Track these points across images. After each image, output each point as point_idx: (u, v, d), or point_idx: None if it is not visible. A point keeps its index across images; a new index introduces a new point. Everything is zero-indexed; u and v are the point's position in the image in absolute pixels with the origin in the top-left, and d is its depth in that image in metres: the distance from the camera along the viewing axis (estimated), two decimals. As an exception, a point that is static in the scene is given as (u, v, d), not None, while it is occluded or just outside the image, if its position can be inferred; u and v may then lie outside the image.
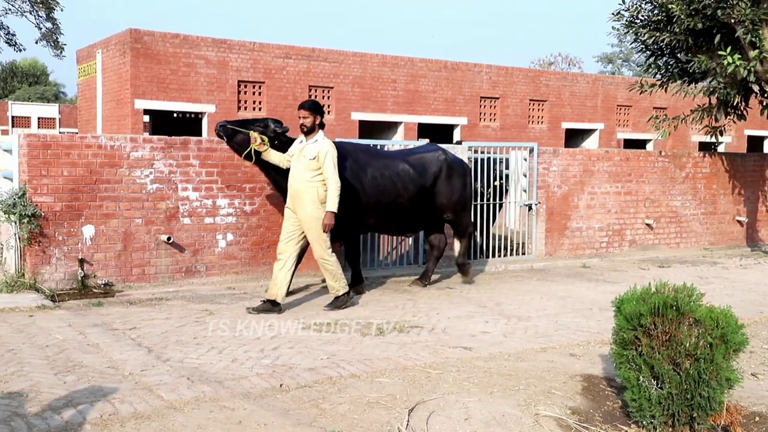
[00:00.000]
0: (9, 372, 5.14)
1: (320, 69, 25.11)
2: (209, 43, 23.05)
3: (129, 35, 21.85)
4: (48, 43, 28.76)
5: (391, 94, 26.78)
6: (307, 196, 7.34)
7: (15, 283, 7.80)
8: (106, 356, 5.62)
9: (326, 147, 7.38)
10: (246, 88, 23.88)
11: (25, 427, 4.15)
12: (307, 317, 7.17)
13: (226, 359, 5.64)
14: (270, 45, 24.33)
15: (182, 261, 8.63)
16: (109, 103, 23.57)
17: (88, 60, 25.12)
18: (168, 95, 22.27)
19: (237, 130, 7.79)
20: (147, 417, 4.39)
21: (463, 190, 9.09)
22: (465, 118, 28.41)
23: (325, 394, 4.88)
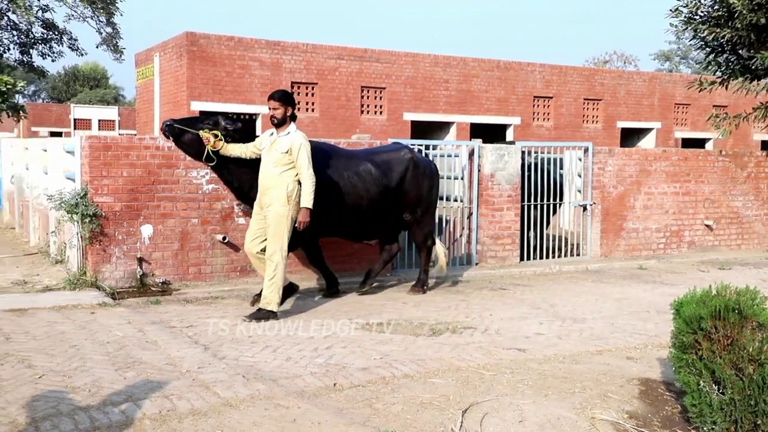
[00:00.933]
0: (72, 367, 5.29)
1: (372, 69, 25.19)
2: (263, 45, 23.34)
3: (185, 38, 22.27)
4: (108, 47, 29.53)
5: (444, 94, 26.72)
6: (275, 190, 6.92)
7: (77, 281, 8.02)
8: (164, 353, 5.73)
9: (299, 140, 6.96)
10: (299, 89, 24.11)
11: (87, 421, 4.26)
12: (359, 317, 7.20)
13: (281, 358, 5.69)
14: (323, 46, 24.52)
15: (237, 260, 8.74)
16: (166, 105, 24.06)
17: (146, 63, 25.69)
18: (223, 97, 22.63)
19: (184, 130, 7.38)
20: (204, 414, 4.47)
21: (428, 193, 8.50)
22: (518, 117, 28.17)
23: (379, 394, 4.89)
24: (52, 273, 8.92)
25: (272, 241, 6.93)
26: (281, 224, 6.92)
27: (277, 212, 6.92)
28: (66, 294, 7.72)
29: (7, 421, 4.23)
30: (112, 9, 27.78)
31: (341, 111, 24.76)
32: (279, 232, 6.92)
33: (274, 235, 6.93)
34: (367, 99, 25.39)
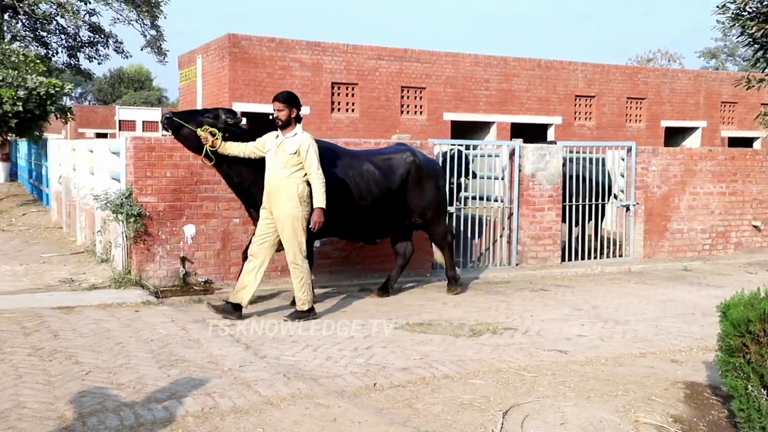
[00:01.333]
0: (117, 364, 5.38)
1: (412, 70, 25.19)
2: (303, 46, 23.49)
3: (227, 40, 22.53)
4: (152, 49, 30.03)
5: (484, 93, 26.59)
6: (285, 192, 6.81)
7: (122, 280, 8.16)
8: (207, 351, 5.81)
9: (308, 140, 6.90)
10: (339, 89, 24.21)
11: (132, 417, 4.34)
12: (399, 317, 7.20)
13: (321, 357, 5.72)
14: (363, 47, 24.59)
15: (278, 260, 8.79)
16: (208, 106, 24.37)
17: (189, 65, 26.04)
18: (264, 98, 22.83)
19: (183, 124, 7.11)
20: (245, 411, 4.51)
21: (435, 194, 8.32)
22: (559, 117, 27.91)
23: (419, 394, 4.89)
24: (98, 271, 9.09)
25: (290, 245, 6.87)
26: (297, 226, 6.84)
27: (291, 215, 6.82)
28: (111, 292, 7.87)
29: (55, 416, 4.33)
30: (156, 12, 28.25)
31: (381, 111, 24.80)
32: (296, 234, 6.85)
33: (291, 239, 6.85)
34: (407, 99, 25.39)
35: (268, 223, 6.96)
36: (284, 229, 6.84)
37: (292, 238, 6.84)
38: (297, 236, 6.85)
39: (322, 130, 23.45)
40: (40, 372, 5.15)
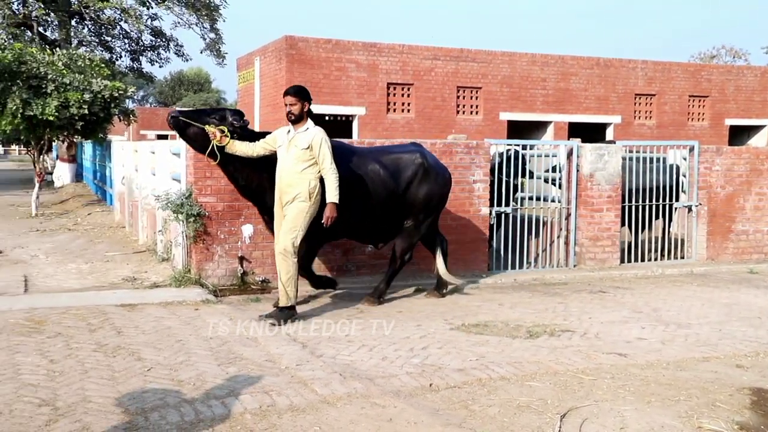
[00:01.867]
0: (178, 361, 5.50)
1: (468, 69, 25.07)
2: (360, 47, 23.60)
3: (284, 42, 22.78)
4: (211, 52, 30.59)
5: (541, 93, 26.30)
6: (296, 188, 6.75)
7: (182, 278, 8.33)
8: (264, 350, 5.88)
9: (320, 135, 6.80)
10: (395, 90, 24.24)
11: (192, 414, 4.42)
12: (455, 318, 7.17)
13: (377, 357, 5.74)
14: (419, 47, 24.58)
15: (333, 260, 8.87)
16: (266, 107, 24.68)
17: (247, 67, 26.42)
18: (320, 99, 23.00)
19: (189, 123, 6.98)
20: (302, 410, 4.55)
21: (437, 201, 7.98)
22: (618, 116, 27.42)
23: (475, 396, 4.86)
24: (159, 270, 9.30)
25: (287, 235, 6.73)
26: (299, 218, 6.73)
27: (298, 206, 6.74)
28: (172, 291, 8.03)
29: (119, 411, 4.44)
30: (216, 15, 28.76)
31: (437, 111, 24.75)
32: (296, 225, 6.73)
33: (290, 229, 6.73)
34: (463, 99, 25.28)
35: (280, 219, 6.89)
36: (287, 218, 6.77)
37: (291, 228, 6.73)
38: (296, 227, 6.73)
39: (378, 130, 23.52)
40: (104, 367, 5.30)
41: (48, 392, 4.74)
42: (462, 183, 9.41)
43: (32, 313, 6.93)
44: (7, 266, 9.69)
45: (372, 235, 7.92)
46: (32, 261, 10.16)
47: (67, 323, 6.57)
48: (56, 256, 10.60)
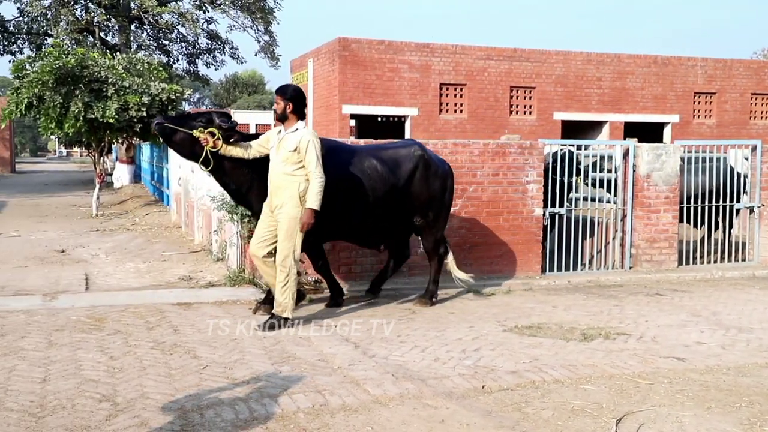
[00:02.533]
0: (232, 359, 5.58)
1: (522, 69, 24.84)
2: (412, 48, 23.60)
3: (338, 44, 22.92)
4: (266, 54, 30.96)
5: (596, 92, 25.91)
6: (286, 191, 6.52)
7: (237, 278, 8.45)
8: (317, 350, 5.92)
9: (308, 136, 6.53)
10: (447, 90, 24.17)
11: (247, 412, 4.48)
12: (508, 319, 7.11)
13: (429, 358, 5.73)
14: (472, 47, 24.46)
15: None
16: (319, 108, 24.87)
17: (301, 69, 26.66)
18: (373, 100, 23.08)
19: (176, 129, 6.72)
20: (354, 410, 4.57)
21: (441, 194, 7.71)
22: (676, 115, 26.83)
23: (528, 399, 4.81)
24: (214, 270, 9.45)
25: (284, 245, 6.56)
26: (293, 227, 6.53)
27: (289, 214, 6.53)
28: (227, 290, 8.16)
29: (175, 408, 4.53)
30: (270, 18, 29.10)
31: (489, 111, 24.59)
32: (291, 235, 6.54)
33: (286, 239, 6.55)
34: (516, 99, 25.06)
35: (269, 223, 6.67)
36: (281, 228, 6.57)
37: (287, 239, 6.55)
38: (291, 237, 6.55)
39: (430, 131, 23.47)
40: (161, 365, 5.41)
41: (108, 388, 4.86)
42: (515, 183, 9.33)
43: (93, 311, 7.12)
44: (70, 265, 9.97)
45: (374, 235, 7.63)
46: (93, 260, 10.43)
47: (126, 321, 6.73)
48: (115, 256, 10.87)
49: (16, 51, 29.04)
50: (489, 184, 9.23)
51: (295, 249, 6.57)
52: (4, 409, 4.45)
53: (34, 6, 26.45)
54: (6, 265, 9.86)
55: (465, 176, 9.12)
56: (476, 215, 9.19)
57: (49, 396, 4.69)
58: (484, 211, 9.23)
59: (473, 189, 9.16)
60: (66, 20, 26.76)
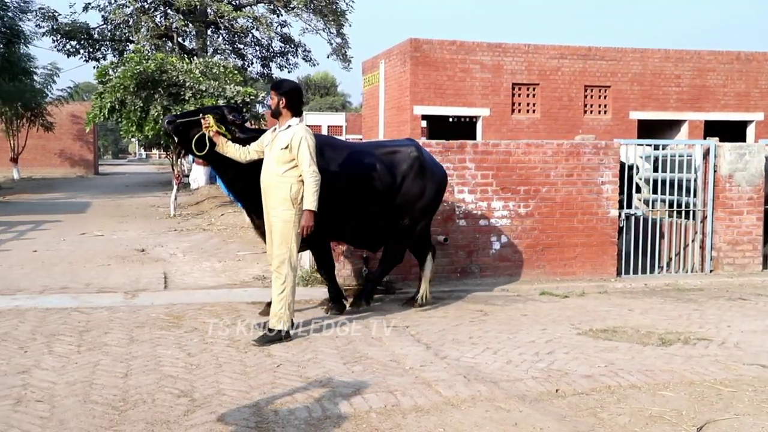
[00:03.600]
0: (305, 358, 5.64)
1: (596, 68, 24.37)
2: (484, 48, 23.44)
3: (409, 45, 22.96)
4: (338, 56, 31.23)
5: (674, 90, 25.20)
6: (277, 192, 6.13)
7: (309, 278, 8.55)
8: (389, 350, 5.94)
9: (300, 133, 6.12)
10: (520, 90, 23.91)
11: (320, 411, 4.53)
12: (582, 323, 6.98)
13: (501, 360, 5.68)
14: (545, 46, 24.14)
15: (457, 262, 8.85)
16: (390, 110, 24.95)
17: (372, 70, 26.81)
18: (444, 100, 23.02)
19: (189, 122, 6.54)
20: (426, 411, 4.56)
21: (432, 199, 7.45)
22: (761, 113, 25.85)
23: (603, 403, 4.71)
24: (287, 269, 9.57)
25: (279, 251, 6.15)
26: (288, 231, 6.14)
27: (282, 218, 6.14)
28: (299, 290, 8.20)
29: (250, 404, 4.61)
30: (342, 21, 29.33)
31: (563, 111, 24.20)
32: (286, 239, 6.14)
33: (281, 244, 6.14)
34: (591, 98, 24.60)
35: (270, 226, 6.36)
36: (274, 232, 6.20)
37: (281, 244, 6.14)
38: (286, 242, 6.13)
39: (502, 131, 23.27)
40: (237, 362, 5.52)
41: (186, 384, 4.99)
42: (590, 184, 9.16)
43: (171, 309, 7.32)
44: (149, 264, 10.28)
45: (369, 235, 7.40)
46: (171, 259, 10.73)
47: (202, 319, 6.90)
48: (192, 255, 11.15)
49: (100, 57, 30.12)
50: (563, 185, 9.09)
51: (291, 255, 6.15)
52: (90, 402, 4.62)
53: (116, 14, 27.40)
54: (90, 263, 10.23)
55: (538, 177, 9.01)
56: (549, 216, 9.06)
57: (130, 390, 4.85)
58: (558, 213, 9.10)
59: (546, 190, 9.03)
60: (146, 27, 27.62)
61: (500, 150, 8.94)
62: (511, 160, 8.95)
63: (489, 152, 8.94)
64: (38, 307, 7.28)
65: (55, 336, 6.18)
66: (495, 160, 8.94)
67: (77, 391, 4.82)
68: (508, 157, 8.94)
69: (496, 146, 8.97)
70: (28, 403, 4.59)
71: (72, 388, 4.86)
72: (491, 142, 9.14)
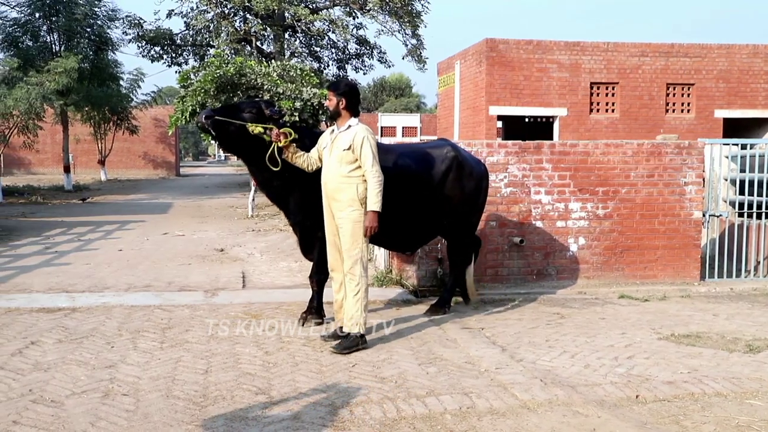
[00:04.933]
0: (380, 358, 5.67)
1: (679, 65, 23.64)
2: (562, 47, 23.07)
3: (485, 45, 22.79)
4: (413, 58, 31.27)
5: (763, 87, 24.21)
6: (344, 194, 5.96)
7: (384, 279, 8.59)
8: (463, 352, 5.91)
9: (362, 133, 5.96)
10: (599, 89, 23.42)
11: (394, 410, 4.54)
12: (663, 327, 6.79)
13: (579, 364, 5.57)
14: (625, 44, 23.57)
15: (534, 264, 8.73)
16: (465, 110, 24.82)
17: (448, 71, 26.73)
18: (520, 100, 22.75)
19: (229, 122, 6.17)
20: (502, 414, 4.52)
21: (474, 197, 7.25)
22: None
23: (687, 411, 4.57)
24: (362, 270, 9.63)
25: (351, 253, 5.98)
26: (358, 231, 5.96)
27: (351, 218, 5.96)
28: (374, 290, 8.30)
29: (326, 403, 4.66)
30: (418, 22, 29.33)
31: (643, 111, 23.58)
32: (357, 240, 5.97)
33: (351, 245, 5.98)
34: (673, 97, 23.88)
35: (333, 229, 6.14)
36: (344, 234, 6.01)
37: (352, 245, 5.99)
38: (357, 243, 5.98)
39: (580, 132, 22.84)
40: (313, 361, 5.59)
41: (263, 381, 5.09)
42: (672, 185, 8.90)
43: (249, 308, 7.47)
44: (228, 263, 10.51)
45: (406, 238, 7.19)
46: (249, 259, 10.95)
47: (279, 318, 7.01)
48: (269, 255, 11.35)
49: (182, 62, 31.00)
50: (643, 185, 8.86)
51: (363, 255, 6.01)
52: (172, 397, 4.76)
53: (198, 19, 28.15)
54: (172, 262, 10.54)
55: (617, 178, 8.81)
56: (629, 218, 8.84)
57: (210, 387, 4.97)
58: (638, 214, 8.87)
59: (626, 191, 8.82)
60: (226, 31, 28.27)
61: (578, 150, 8.78)
62: (589, 161, 8.78)
63: (566, 153, 8.79)
64: (124, 305, 7.54)
65: (139, 332, 6.40)
66: (573, 160, 8.78)
67: (160, 386, 4.97)
68: (586, 157, 8.77)
69: (574, 146, 8.82)
70: (115, 396, 4.76)
71: (155, 383, 5.02)
72: (569, 142, 8.98)
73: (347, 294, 6.07)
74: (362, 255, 6.01)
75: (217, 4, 27.91)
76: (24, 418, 4.37)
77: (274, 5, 26.04)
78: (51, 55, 27.18)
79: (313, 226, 6.60)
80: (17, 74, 25.57)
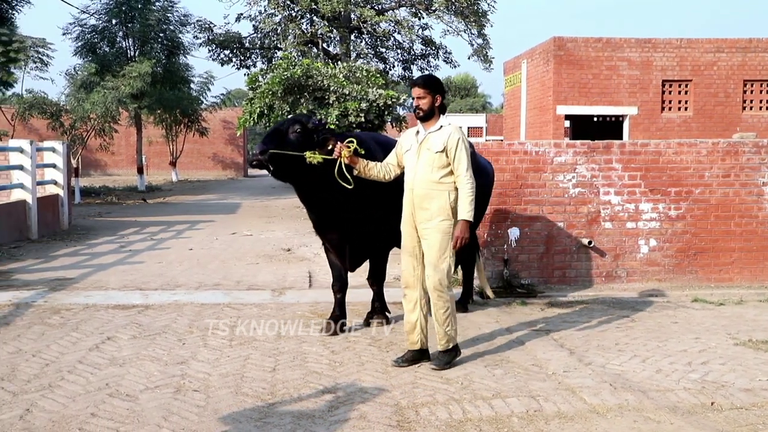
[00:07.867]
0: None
1: (758, 61, 22.81)
2: (632, 45, 22.56)
3: (552, 44, 22.48)
4: (478, 57, 31.08)
5: None
6: (434, 202, 5.41)
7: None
8: (530, 354, 5.84)
9: (456, 135, 5.43)
10: (671, 87, 22.82)
11: (460, 412, 4.52)
12: (740, 332, 6.56)
13: (650, 369, 5.43)
14: (698, 40, 22.90)
15: (602, 265, 8.56)
16: (532, 110, 24.53)
17: (514, 71, 26.47)
18: (589, 100, 22.35)
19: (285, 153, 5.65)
20: (570, 418, 4.45)
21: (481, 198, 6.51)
22: None
23: (766, 420, 4.40)
24: (428, 270, 9.61)
25: (440, 266, 5.43)
26: (447, 243, 5.44)
27: (440, 229, 5.42)
28: (440, 291, 8.27)
29: (392, 403, 4.67)
30: (484, 21, 29.13)
31: (718, 108, 22.86)
32: (444, 253, 5.44)
33: (438, 258, 5.42)
34: (750, 94, 23.08)
35: (415, 244, 5.59)
36: (431, 246, 5.45)
37: (440, 258, 5.42)
38: (446, 256, 5.44)
39: (651, 131, 22.29)
40: (378, 361, 5.61)
41: (330, 380, 5.13)
42: (749, 185, 8.61)
43: (315, 307, 7.54)
44: (295, 263, 10.64)
45: None
46: (315, 258, 11.05)
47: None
48: (336, 255, 11.42)
49: (251, 65, 31.53)
50: (718, 186, 8.60)
51: (450, 269, 5.50)
52: (241, 394, 4.85)
53: (266, 23, 28.60)
54: (241, 261, 10.73)
55: (690, 178, 8.57)
56: (703, 219, 8.60)
57: (278, 384, 5.04)
58: (713, 215, 8.61)
59: (699, 191, 8.58)
60: (293, 34, 28.63)
61: (649, 150, 8.57)
62: (661, 161, 8.56)
63: (637, 152, 8.59)
64: (194, 302, 7.71)
65: (209, 330, 6.53)
66: (644, 160, 8.58)
67: (229, 383, 5.06)
68: (657, 157, 8.56)
69: (645, 146, 8.61)
70: (186, 392, 4.88)
71: (225, 380, 5.12)
72: (639, 141, 8.78)
73: (436, 313, 5.50)
74: (450, 268, 5.49)
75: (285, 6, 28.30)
76: (101, 411, 4.52)
77: (340, 7, 26.26)
78: (126, 60, 28.04)
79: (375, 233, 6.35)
80: (95, 79, 26.50)
